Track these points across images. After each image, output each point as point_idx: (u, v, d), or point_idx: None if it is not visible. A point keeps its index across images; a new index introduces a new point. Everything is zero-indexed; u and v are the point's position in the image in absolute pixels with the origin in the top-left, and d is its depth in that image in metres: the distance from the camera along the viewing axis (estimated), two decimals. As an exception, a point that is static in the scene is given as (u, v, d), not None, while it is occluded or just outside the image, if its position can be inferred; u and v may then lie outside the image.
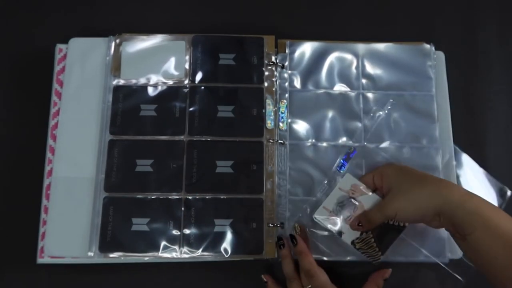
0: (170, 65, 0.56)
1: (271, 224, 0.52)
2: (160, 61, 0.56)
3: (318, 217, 0.51)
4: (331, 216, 0.51)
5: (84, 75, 0.56)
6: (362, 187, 0.51)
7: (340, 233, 0.50)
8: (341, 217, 0.50)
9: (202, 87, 0.55)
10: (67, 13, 0.61)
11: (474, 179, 0.55)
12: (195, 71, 0.56)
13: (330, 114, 0.55)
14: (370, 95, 0.56)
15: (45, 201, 0.52)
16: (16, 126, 0.57)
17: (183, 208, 0.52)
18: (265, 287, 0.51)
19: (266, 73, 0.56)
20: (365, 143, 0.54)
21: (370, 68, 0.57)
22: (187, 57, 0.56)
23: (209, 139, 0.54)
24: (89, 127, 0.54)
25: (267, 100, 0.55)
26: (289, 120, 0.55)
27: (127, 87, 0.55)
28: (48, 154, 0.54)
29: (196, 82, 0.56)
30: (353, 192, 0.51)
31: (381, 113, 0.54)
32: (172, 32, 0.57)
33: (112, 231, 0.51)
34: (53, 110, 0.55)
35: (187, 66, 0.56)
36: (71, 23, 0.60)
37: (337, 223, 0.50)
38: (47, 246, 0.51)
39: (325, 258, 0.51)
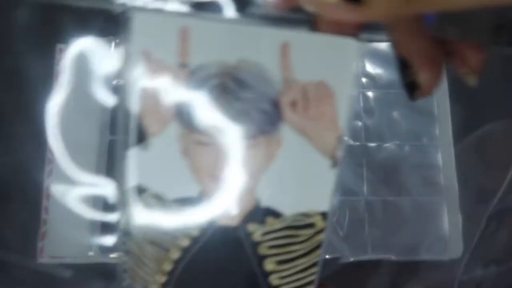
0: (170, 65, 0.56)
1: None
2: (160, 61, 0.56)
3: None
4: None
5: (84, 75, 0.56)
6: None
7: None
8: None
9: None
10: (67, 13, 0.61)
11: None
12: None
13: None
14: (370, 93, 0.56)
15: (45, 201, 0.52)
16: (16, 126, 0.57)
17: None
18: None
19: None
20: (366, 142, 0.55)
21: (369, 67, 0.57)
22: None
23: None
24: (89, 127, 0.54)
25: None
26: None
27: (127, 87, 0.55)
28: (48, 154, 0.54)
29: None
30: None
31: None
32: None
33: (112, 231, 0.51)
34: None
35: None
36: (71, 23, 0.60)
37: None
38: (47, 246, 0.51)
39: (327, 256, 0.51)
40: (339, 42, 0.23)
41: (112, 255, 0.50)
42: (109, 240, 0.50)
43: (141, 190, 0.25)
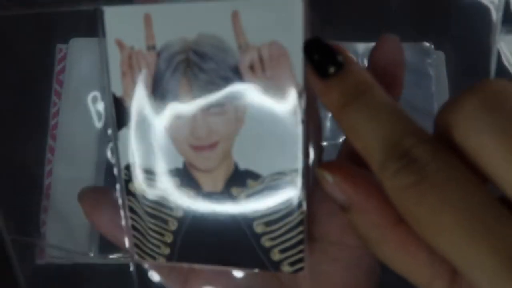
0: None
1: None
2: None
3: None
4: None
5: (84, 75, 0.56)
6: None
7: None
8: None
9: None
10: (67, 13, 0.61)
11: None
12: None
13: (330, 113, 0.55)
14: (370, 93, 0.56)
15: (45, 201, 0.52)
16: (16, 126, 0.57)
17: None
18: None
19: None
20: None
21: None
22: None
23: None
24: (89, 127, 0.54)
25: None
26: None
27: (127, 87, 0.55)
28: (48, 154, 0.54)
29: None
30: None
31: None
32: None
33: (112, 231, 0.51)
34: (53, 110, 0.55)
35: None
36: (71, 23, 0.60)
37: None
38: (47, 246, 0.51)
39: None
40: (283, 2, 0.24)
41: (111, 256, 0.50)
42: (108, 240, 0.50)
43: (133, 167, 0.27)
